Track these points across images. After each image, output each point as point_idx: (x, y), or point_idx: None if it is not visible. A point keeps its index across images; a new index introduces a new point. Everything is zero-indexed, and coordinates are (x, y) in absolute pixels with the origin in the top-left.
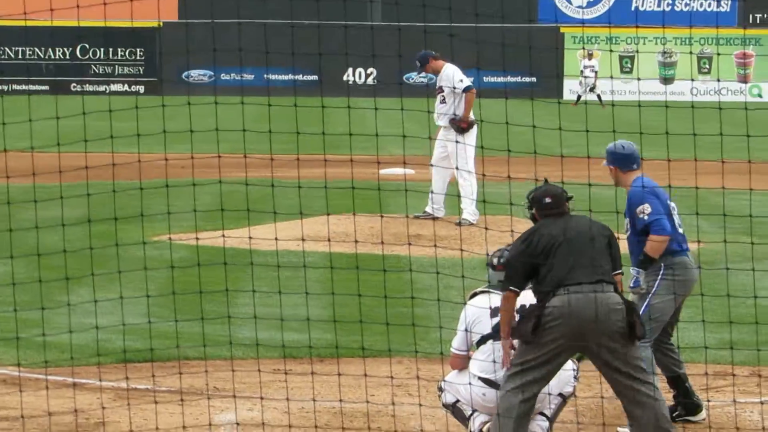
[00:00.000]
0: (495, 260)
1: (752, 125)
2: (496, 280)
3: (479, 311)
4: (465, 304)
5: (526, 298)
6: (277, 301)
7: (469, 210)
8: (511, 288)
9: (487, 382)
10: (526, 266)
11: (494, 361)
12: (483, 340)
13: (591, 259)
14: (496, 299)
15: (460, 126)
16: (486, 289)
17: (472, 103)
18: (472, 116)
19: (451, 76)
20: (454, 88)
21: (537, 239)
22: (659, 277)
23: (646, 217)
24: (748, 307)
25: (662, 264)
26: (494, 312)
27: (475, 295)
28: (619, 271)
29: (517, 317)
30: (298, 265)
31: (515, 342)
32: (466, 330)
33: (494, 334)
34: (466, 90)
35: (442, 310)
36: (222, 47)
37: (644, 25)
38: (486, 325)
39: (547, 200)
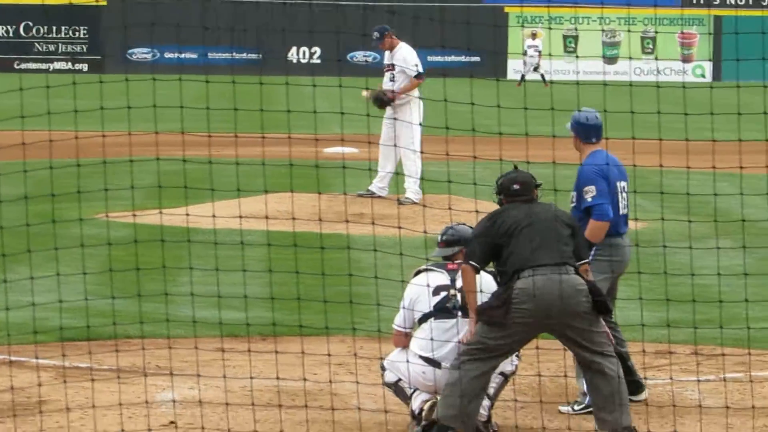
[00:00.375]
0: (439, 237)
1: (692, 105)
2: (440, 257)
3: (420, 289)
4: (409, 282)
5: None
6: (216, 279)
7: (413, 189)
8: (471, 263)
9: (426, 360)
10: (487, 245)
11: (432, 339)
12: (424, 318)
13: (554, 243)
14: (436, 277)
15: (386, 97)
16: (428, 267)
17: (413, 89)
18: (416, 93)
19: (407, 57)
20: (407, 69)
21: (502, 220)
22: (591, 256)
23: (589, 199)
24: (686, 286)
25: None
26: (435, 290)
27: (418, 273)
28: (586, 260)
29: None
30: (236, 243)
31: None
32: (406, 308)
33: (434, 313)
34: (417, 76)
35: (381, 289)
36: (165, 26)
37: (584, 4)
38: (426, 304)
39: (515, 187)
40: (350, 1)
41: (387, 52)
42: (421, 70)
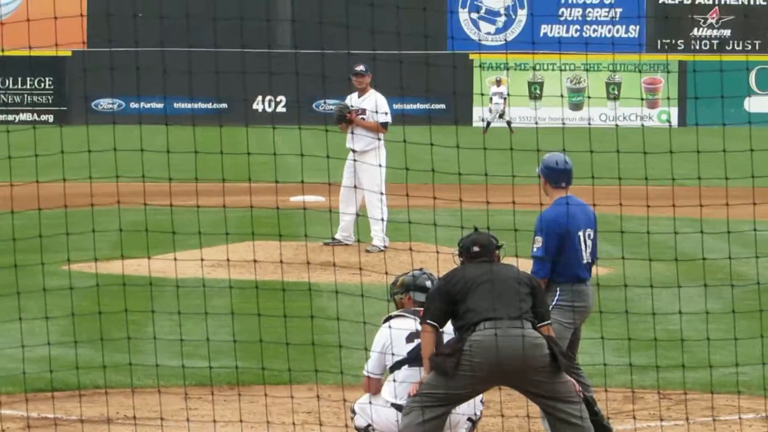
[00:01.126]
0: (428, 283)
1: (656, 150)
2: (418, 302)
3: (394, 335)
4: (379, 328)
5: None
6: (179, 329)
7: (379, 236)
8: (428, 322)
9: (398, 407)
10: (443, 303)
11: (379, 374)
12: (398, 365)
13: (513, 298)
14: (408, 323)
15: (343, 115)
16: (400, 313)
17: (372, 129)
18: (381, 140)
19: (380, 102)
20: (377, 114)
21: (457, 279)
22: (554, 301)
23: (534, 249)
24: (649, 330)
25: (558, 289)
26: (410, 337)
27: (389, 318)
28: (548, 321)
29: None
30: (200, 291)
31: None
32: (378, 353)
33: (409, 360)
34: (383, 124)
35: (348, 336)
36: (130, 76)
37: (544, 51)
38: (401, 350)
39: (476, 249)
40: (312, 49)
41: (354, 96)
42: (389, 120)
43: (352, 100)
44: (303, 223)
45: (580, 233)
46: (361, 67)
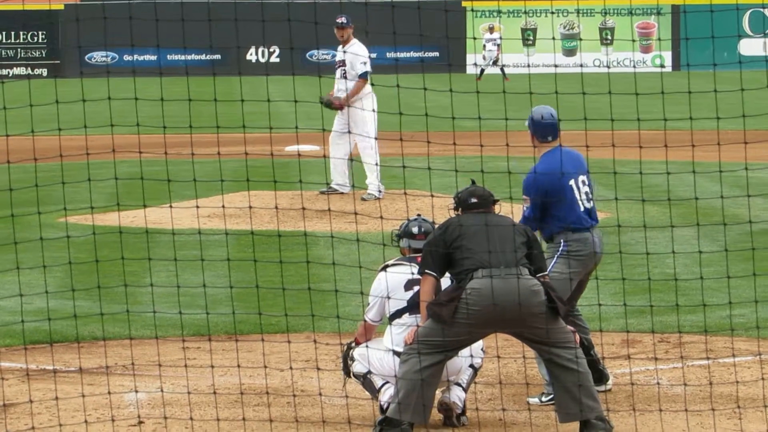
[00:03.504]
0: (415, 229)
1: (646, 94)
2: (413, 249)
3: (393, 281)
4: (377, 275)
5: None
6: (176, 279)
7: (374, 184)
8: (426, 271)
9: (399, 355)
10: (440, 253)
11: (378, 321)
12: (398, 313)
13: (509, 246)
14: (407, 270)
15: (332, 104)
16: (396, 261)
17: (359, 91)
18: (368, 89)
19: (359, 52)
20: (355, 65)
21: (454, 227)
22: (557, 253)
23: (524, 209)
24: (653, 274)
25: (562, 240)
26: (408, 284)
27: (386, 267)
28: (546, 272)
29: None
30: (205, 244)
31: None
32: (382, 299)
33: (409, 308)
34: (362, 76)
35: (345, 284)
36: (122, 29)
37: None
38: (400, 297)
39: (473, 200)
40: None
41: (339, 49)
42: (368, 69)
43: (338, 54)
44: (298, 172)
45: (572, 182)
46: (341, 20)
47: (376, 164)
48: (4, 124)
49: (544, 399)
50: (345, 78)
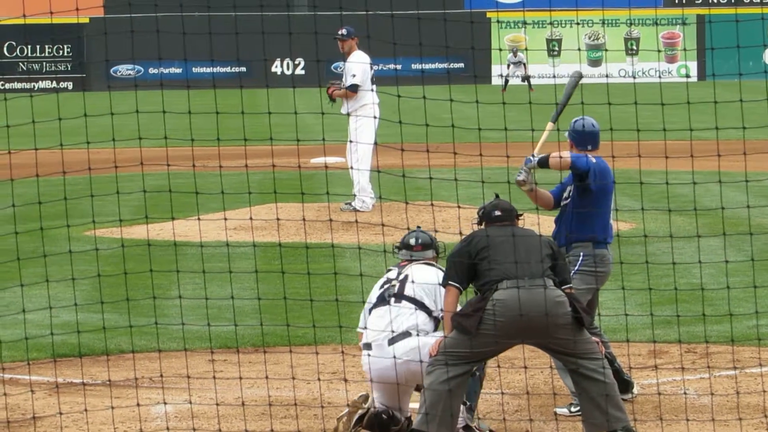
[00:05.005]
0: (412, 240)
1: (672, 104)
2: (414, 258)
3: (374, 287)
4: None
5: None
6: (204, 291)
7: (360, 196)
8: (450, 283)
9: (365, 346)
10: (464, 264)
11: (365, 328)
12: (369, 311)
13: (534, 257)
14: (389, 274)
15: (329, 93)
16: (389, 268)
17: (345, 98)
18: (375, 112)
19: (352, 66)
20: (347, 76)
21: (479, 239)
22: (577, 266)
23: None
24: (671, 282)
25: (581, 253)
26: (382, 285)
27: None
28: (569, 285)
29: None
30: (230, 256)
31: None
32: (365, 308)
33: (375, 303)
34: (349, 88)
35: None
36: (148, 42)
37: (559, 8)
38: (373, 297)
39: (497, 213)
40: (327, 11)
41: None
42: (354, 83)
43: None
44: (323, 184)
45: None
46: (342, 31)
47: (368, 171)
48: (33, 138)
49: (573, 409)
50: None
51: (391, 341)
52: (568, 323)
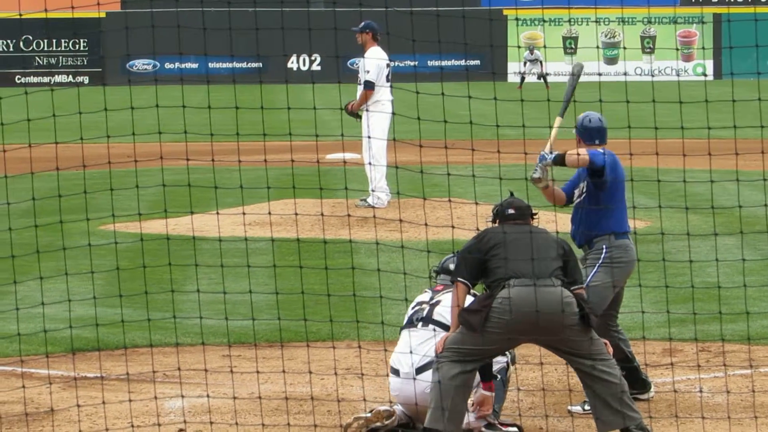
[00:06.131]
0: (452, 266)
1: (688, 103)
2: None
3: (410, 310)
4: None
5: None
6: (222, 286)
7: (376, 192)
8: (459, 279)
9: (392, 371)
10: (475, 260)
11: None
12: (399, 332)
13: (544, 257)
14: (422, 297)
15: (349, 110)
16: (425, 290)
17: (365, 100)
18: (388, 108)
19: (366, 63)
20: (361, 75)
21: (490, 236)
22: (600, 260)
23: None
24: (687, 281)
25: (604, 246)
26: (414, 306)
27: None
28: (581, 285)
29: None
30: (244, 252)
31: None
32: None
33: (404, 326)
34: (364, 86)
35: (386, 293)
36: (165, 36)
37: (578, 6)
38: (405, 317)
39: (511, 211)
40: (346, 7)
41: None
42: (368, 79)
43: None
44: (340, 179)
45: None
46: (360, 25)
47: (384, 167)
48: (54, 132)
49: (586, 407)
50: (361, 85)
51: (419, 370)
52: (576, 323)
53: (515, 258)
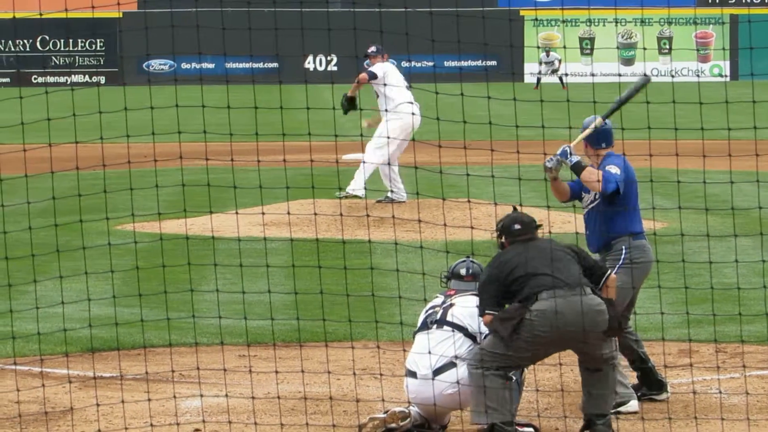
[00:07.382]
0: (463, 270)
1: (707, 104)
2: (462, 289)
3: (422, 313)
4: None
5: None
6: (241, 286)
7: (357, 185)
8: (488, 312)
9: (408, 372)
10: (497, 291)
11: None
12: (413, 335)
13: (566, 267)
14: (435, 301)
15: (345, 101)
16: (437, 295)
17: (358, 85)
18: (408, 109)
19: (375, 67)
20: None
21: (506, 260)
22: (620, 262)
23: (613, 172)
24: (706, 282)
25: (623, 247)
26: (427, 310)
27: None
28: (608, 274)
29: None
30: (261, 252)
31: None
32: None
33: (419, 328)
34: (369, 76)
35: (404, 293)
36: (182, 36)
37: (597, 7)
38: (419, 321)
39: (517, 227)
40: (364, 8)
41: None
42: (369, 70)
43: None
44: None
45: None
46: (371, 49)
47: (394, 166)
48: (73, 131)
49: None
50: (377, 95)
51: (436, 372)
52: (605, 330)
53: (540, 272)
